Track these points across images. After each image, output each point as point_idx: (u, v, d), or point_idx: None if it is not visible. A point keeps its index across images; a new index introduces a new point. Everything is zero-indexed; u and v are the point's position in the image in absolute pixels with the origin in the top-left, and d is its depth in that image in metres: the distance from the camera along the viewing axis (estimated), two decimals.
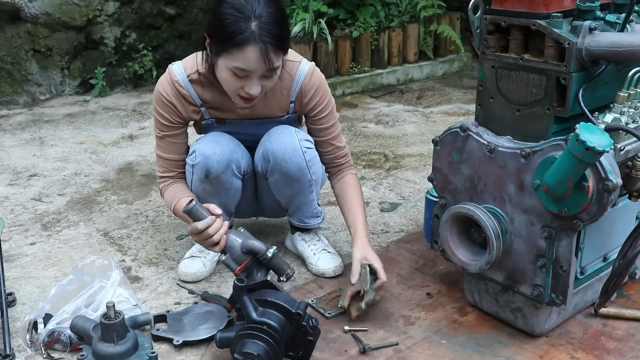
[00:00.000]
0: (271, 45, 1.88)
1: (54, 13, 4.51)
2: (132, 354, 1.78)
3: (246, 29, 1.85)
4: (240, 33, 1.85)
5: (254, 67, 1.90)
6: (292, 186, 2.15)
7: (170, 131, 2.15)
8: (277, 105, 2.16)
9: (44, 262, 2.40)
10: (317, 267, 2.27)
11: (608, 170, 1.56)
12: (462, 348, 1.87)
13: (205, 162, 2.07)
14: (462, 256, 1.85)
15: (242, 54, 1.88)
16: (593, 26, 1.65)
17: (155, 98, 2.14)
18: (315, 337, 1.79)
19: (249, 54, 1.87)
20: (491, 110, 1.87)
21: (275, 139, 2.10)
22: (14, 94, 4.52)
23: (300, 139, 2.10)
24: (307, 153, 2.11)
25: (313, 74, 2.14)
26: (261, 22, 1.86)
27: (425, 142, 3.61)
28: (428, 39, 5.08)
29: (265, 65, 1.90)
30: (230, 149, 2.10)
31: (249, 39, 1.86)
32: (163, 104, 2.12)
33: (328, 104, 2.19)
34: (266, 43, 1.86)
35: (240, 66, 1.90)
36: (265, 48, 1.87)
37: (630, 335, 1.91)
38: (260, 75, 1.93)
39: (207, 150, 2.08)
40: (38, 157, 3.51)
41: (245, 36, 1.85)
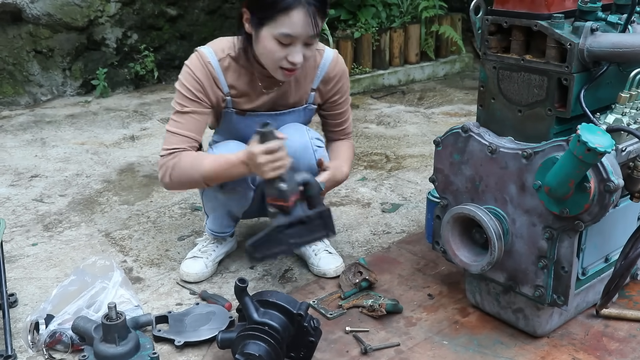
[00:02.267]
0: (316, 8, 1.90)
1: (56, 14, 4.52)
2: (133, 355, 1.78)
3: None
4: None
5: (300, 31, 1.90)
6: None
7: (195, 107, 2.05)
8: (297, 94, 2.17)
9: (45, 263, 2.40)
10: (318, 268, 2.27)
11: (610, 171, 1.55)
12: (464, 349, 1.87)
13: None
14: (464, 257, 1.85)
15: (288, 18, 1.89)
16: (595, 27, 1.65)
17: (184, 76, 2.06)
18: (317, 338, 1.79)
19: (295, 17, 1.88)
20: (493, 111, 1.87)
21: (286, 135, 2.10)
22: (16, 94, 4.53)
23: (311, 137, 2.11)
24: (317, 152, 2.12)
25: (338, 61, 2.19)
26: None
27: (427, 143, 3.61)
28: (429, 40, 5.08)
29: (312, 29, 1.91)
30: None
31: (294, 2, 1.87)
32: (192, 80, 2.04)
33: (347, 91, 2.26)
34: (311, 5, 1.88)
35: (286, 32, 1.90)
36: (313, 10, 1.89)
37: (632, 336, 1.91)
38: (304, 41, 1.94)
39: None
40: (39, 158, 3.51)
41: (291, 0, 1.87)
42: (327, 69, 2.15)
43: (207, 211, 2.30)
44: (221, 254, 2.34)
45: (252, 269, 2.34)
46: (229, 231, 2.33)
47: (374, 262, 2.33)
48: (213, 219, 2.29)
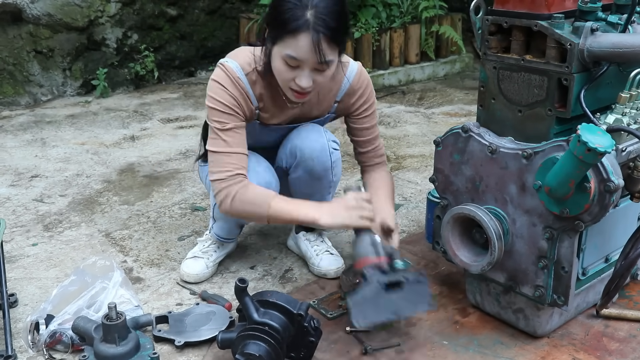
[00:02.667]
0: (324, 36, 1.84)
1: (56, 14, 4.52)
2: (133, 355, 1.78)
3: (301, 16, 1.83)
4: (294, 20, 1.83)
5: (305, 56, 1.86)
6: (313, 185, 2.15)
7: (235, 122, 1.99)
8: (322, 107, 2.15)
9: (45, 263, 2.40)
10: (319, 268, 2.27)
11: (610, 171, 1.55)
12: (464, 349, 1.87)
13: None
14: (464, 257, 1.85)
15: (295, 41, 1.85)
16: (595, 27, 1.65)
17: (216, 90, 1.99)
18: (317, 338, 1.78)
19: (301, 42, 1.84)
20: (493, 111, 1.87)
21: (304, 136, 2.10)
22: (16, 95, 4.53)
23: (328, 139, 2.11)
24: (334, 154, 2.12)
25: (362, 74, 2.14)
26: (317, 11, 1.83)
27: (427, 143, 3.61)
28: (429, 40, 5.08)
29: (317, 56, 1.85)
30: (266, 182, 2.07)
31: (302, 26, 1.83)
32: (226, 95, 1.98)
33: (373, 104, 2.20)
34: (319, 33, 1.83)
35: (292, 54, 1.87)
36: (318, 38, 1.83)
37: (632, 336, 1.91)
38: (312, 67, 1.89)
39: None
40: (40, 158, 3.51)
41: (299, 23, 1.83)
42: (351, 81, 2.12)
43: (216, 217, 2.28)
44: (222, 254, 2.34)
45: (253, 269, 2.34)
46: (234, 237, 2.34)
47: None
48: (221, 226, 2.27)
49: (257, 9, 5.07)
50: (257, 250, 2.47)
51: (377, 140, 2.25)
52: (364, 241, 1.88)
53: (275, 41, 1.90)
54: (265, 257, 2.42)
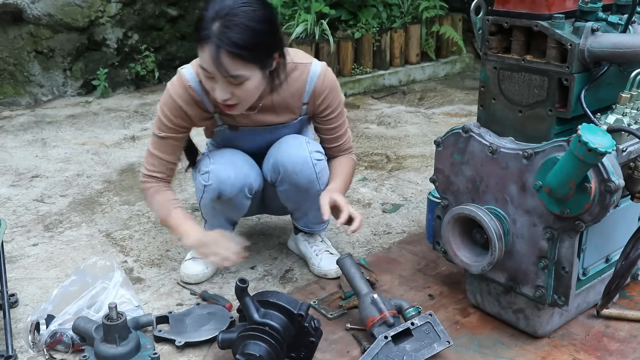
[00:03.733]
0: (226, 51, 1.78)
1: (56, 14, 4.52)
2: (134, 355, 1.78)
3: (208, 27, 1.79)
4: (201, 30, 1.81)
5: (209, 68, 1.83)
6: (301, 196, 2.14)
7: (172, 133, 2.09)
8: (289, 111, 2.13)
9: (46, 263, 2.40)
10: (319, 268, 2.27)
11: (610, 172, 1.55)
12: (465, 349, 1.87)
13: (218, 185, 2.06)
14: (464, 257, 1.85)
15: (202, 53, 1.83)
16: (595, 27, 1.65)
17: (166, 101, 2.05)
18: (317, 338, 1.79)
19: (205, 53, 1.82)
20: (493, 111, 1.87)
21: (285, 150, 2.08)
22: (17, 95, 4.53)
23: (311, 151, 2.08)
24: (318, 165, 2.09)
25: (326, 76, 2.09)
26: (224, 24, 1.77)
27: (427, 143, 3.61)
28: (430, 40, 5.08)
29: (219, 69, 1.81)
30: (244, 173, 2.08)
31: (204, 37, 1.80)
32: (174, 108, 2.04)
33: (339, 104, 2.17)
34: (220, 47, 1.77)
35: (201, 64, 1.86)
36: (217, 52, 1.78)
37: (632, 336, 1.91)
38: (223, 80, 1.85)
39: (221, 173, 2.06)
40: (40, 158, 3.51)
41: (202, 34, 1.80)
42: (315, 83, 2.06)
43: (205, 217, 2.30)
44: None
45: (253, 269, 2.34)
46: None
47: (374, 262, 2.34)
48: (211, 224, 2.28)
49: None
50: (258, 251, 2.47)
51: (343, 137, 2.23)
52: (364, 303, 1.89)
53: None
54: (265, 258, 2.42)
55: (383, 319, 1.83)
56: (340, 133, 2.21)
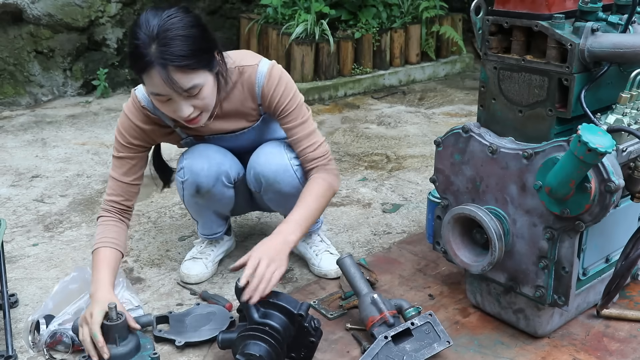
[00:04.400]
0: (174, 67, 1.74)
1: (57, 14, 4.52)
2: (134, 355, 1.78)
3: (146, 53, 1.74)
4: (140, 59, 1.75)
5: (164, 91, 1.78)
6: (288, 200, 2.07)
7: (129, 152, 2.04)
8: (246, 114, 2.09)
9: (46, 263, 2.40)
10: (319, 268, 2.27)
11: (610, 172, 1.55)
12: (465, 349, 1.87)
13: (194, 178, 2.06)
14: (464, 257, 1.85)
15: (150, 79, 1.78)
16: (595, 27, 1.65)
17: (122, 122, 2.03)
18: (318, 338, 1.79)
19: (154, 79, 1.76)
20: (493, 111, 1.87)
21: (264, 161, 2.06)
22: (17, 95, 4.53)
23: (290, 158, 2.05)
24: (299, 170, 2.06)
25: (271, 73, 2.00)
26: (160, 42, 1.74)
27: (427, 143, 3.61)
28: (430, 40, 5.08)
29: (174, 88, 1.77)
30: (218, 162, 2.07)
31: (147, 63, 1.74)
32: (130, 128, 2.02)
33: (292, 101, 2.02)
34: (166, 65, 1.74)
35: (154, 91, 1.81)
36: (166, 72, 1.74)
37: (632, 336, 1.91)
38: (181, 97, 1.81)
39: (195, 166, 2.05)
40: (40, 158, 3.51)
41: (145, 61, 1.74)
42: (262, 83, 2.01)
43: (194, 217, 2.30)
44: (220, 253, 2.34)
45: None
46: (221, 231, 2.32)
47: (374, 262, 2.34)
48: (203, 224, 2.28)
49: (258, 9, 5.07)
50: None
51: (306, 140, 2.04)
52: (364, 303, 1.89)
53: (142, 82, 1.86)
54: None
55: (383, 319, 1.83)
56: (302, 134, 2.04)
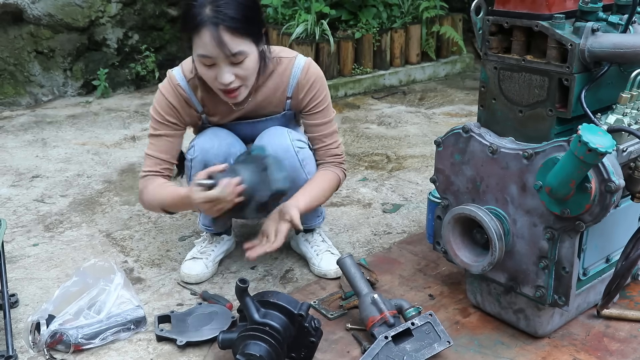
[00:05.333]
0: (225, 27, 1.85)
1: (57, 14, 4.52)
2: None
3: (200, 12, 1.85)
4: (194, 17, 1.86)
5: (211, 51, 1.87)
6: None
7: (166, 130, 2.12)
8: (272, 104, 2.16)
9: (46, 264, 2.41)
10: (319, 268, 2.27)
11: (611, 172, 1.55)
12: (465, 349, 1.87)
13: (203, 155, 2.08)
14: (465, 257, 1.85)
15: (200, 39, 1.87)
16: (595, 27, 1.65)
17: (157, 99, 2.13)
18: (318, 339, 1.79)
19: (204, 38, 1.86)
20: (493, 111, 1.87)
21: (267, 141, 2.10)
22: (17, 95, 4.53)
23: (292, 139, 2.10)
24: (300, 153, 2.11)
25: (309, 69, 2.12)
26: (215, 5, 1.85)
27: (428, 144, 3.61)
28: (430, 40, 5.08)
29: (224, 49, 1.86)
30: (228, 143, 2.11)
31: (200, 22, 1.84)
32: (165, 105, 2.11)
33: (324, 100, 2.16)
34: (218, 25, 1.84)
35: (201, 52, 1.90)
36: (217, 31, 1.84)
37: (633, 336, 1.91)
38: (226, 61, 1.90)
39: (205, 144, 2.10)
40: (40, 159, 3.51)
41: (198, 20, 1.85)
42: (298, 76, 2.11)
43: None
44: (220, 253, 2.34)
45: (253, 269, 2.34)
46: (222, 228, 2.33)
47: (375, 262, 2.34)
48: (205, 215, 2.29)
49: None
50: None
51: (329, 139, 2.19)
52: (364, 303, 1.90)
53: (190, 45, 1.93)
54: (266, 258, 2.42)
55: (383, 319, 1.83)
56: (325, 132, 2.19)
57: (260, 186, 1.88)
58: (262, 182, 1.88)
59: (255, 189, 1.87)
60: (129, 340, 1.95)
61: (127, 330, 1.94)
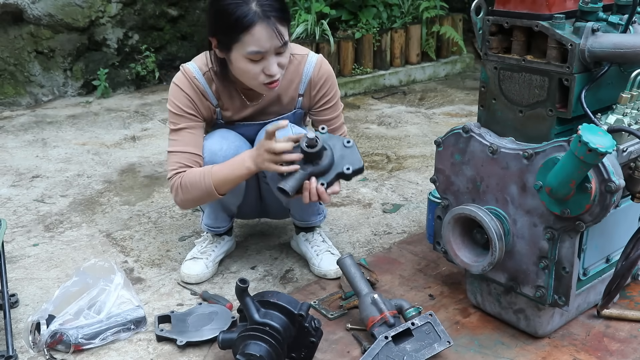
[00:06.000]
0: (277, 18, 1.91)
1: (57, 14, 4.52)
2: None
3: (249, 10, 1.88)
4: (244, 16, 1.88)
5: (267, 45, 1.91)
6: None
7: (187, 122, 2.10)
8: (284, 101, 2.17)
9: (46, 264, 2.40)
10: (319, 268, 2.27)
11: (611, 172, 1.55)
12: (465, 349, 1.87)
13: (211, 157, 2.08)
14: (465, 257, 1.85)
15: (252, 36, 1.90)
16: (596, 27, 1.65)
17: (173, 92, 2.10)
18: (318, 339, 1.79)
19: (258, 34, 1.89)
20: (494, 111, 1.87)
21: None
22: (17, 95, 4.53)
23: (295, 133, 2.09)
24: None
25: (322, 65, 2.17)
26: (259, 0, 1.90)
27: (428, 144, 3.61)
28: (430, 40, 5.08)
29: (278, 40, 1.92)
30: (236, 146, 2.11)
31: (254, 19, 1.88)
32: (183, 97, 2.08)
33: (335, 95, 2.22)
34: (271, 17, 1.89)
35: (254, 49, 1.91)
36: (273, 22, 1.90)
37: (633, 336, 1.91)
38: (274, 52, 1.95)
39: (213, 146, 2.09)
40: (41, 159, 3.51)
41: (250, 17, 1.88)
42: (311, 73, 2.14)
43: (201, 208, 2.32)
44: (220, 253, 2.34)
45: (253, 269, 2.34)
46: (224, 226, 2.33)
47: (375, 262, 2.34)
48: (208, 213, 2.30)
49: None
50: (258, 251, 2.47)
51: (338, 131, 2.25)
52: (364, 303, 1.90)
53: (231, 46, 1.94)
54: (266, 258, 2.42)
55: (383, 319, 1.83)
56: (335, 126, 2.23)
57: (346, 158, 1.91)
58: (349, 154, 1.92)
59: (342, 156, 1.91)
60: (129, 340, 1.95)
61: (127, 330, 1.94)
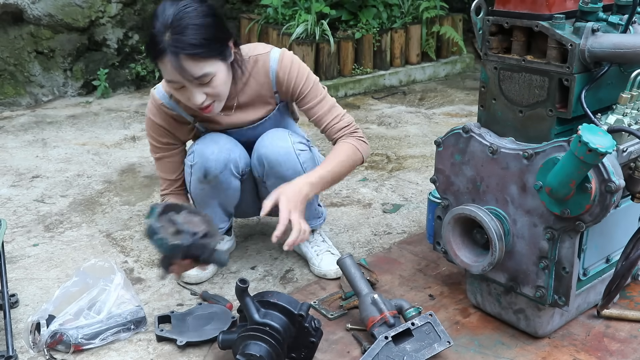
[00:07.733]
0: (185, 55, 1.82)
1: (57, 14, 4.52)
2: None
3: (160, 41, 1.82)
4: (154, 46, 1.84)
5: (177, 78, 1.86)
6: None
7: (164, 152, 2.18)
8: (263, 102, 2.15)
9: (46, 264, 2.40)
10: (319, 269, 2.27)
11: (611, 172, 1.55)
12: (465, 349, 1.87)
13: (203, 162, 2.08)
14: (465, 257, 1.85)
15: (164, 66, 1.87)
16: (596, 27, 1.65)
17: (147, 124, 2.15)
18: (318, 339, 1.79)
19: (167, 66, 1.85)
20: (494, 111, 1.87)
21: (268, 143, 2.10)
22: (17, 95, 4.53)
23: (293, 142, 2.10)
24: (301, 155, 2.11)
25: (283, 59, 2.09)
26: (174, 31, 1.81)
27: (428, 144, 3.61)
28: (430, 41, 5.08)
29: (186, 75, 1.85)
30: (228, 149, 2.11)
31: (161, 51, 1.83)
32: (156, 128, 2.13)
33: (308, 81, 2.11)
34: (178, 54, 1.81)
35: (167, 78, 1.90)
36: (177, 60, 1.82)
37: (633, 336, 1.91)
38: (193, 85, 1.88)
39: (205, 150, 2.09)
40: (41, 159, 3.51)
41: (159, 49, 1.83)
42: (275, 70, 2.09)
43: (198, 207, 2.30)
44: None
45: (253, 269, 2.34)
46: (223, 227, 2.32)
47: (375, 262, 2.34)
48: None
49: (258, 10, 5.07)
50: (258, 251, 2.47)
51: (328, 115, 2.12)
52: (364, 303, 1.90)
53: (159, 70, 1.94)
54: (266, 258, 2.42)
55: (383, 319, 1.83)
56: (322, 110, 2.13)
57: None
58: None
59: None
60: (129, 340, 1.95)
61: (127, 331, 1.94)
